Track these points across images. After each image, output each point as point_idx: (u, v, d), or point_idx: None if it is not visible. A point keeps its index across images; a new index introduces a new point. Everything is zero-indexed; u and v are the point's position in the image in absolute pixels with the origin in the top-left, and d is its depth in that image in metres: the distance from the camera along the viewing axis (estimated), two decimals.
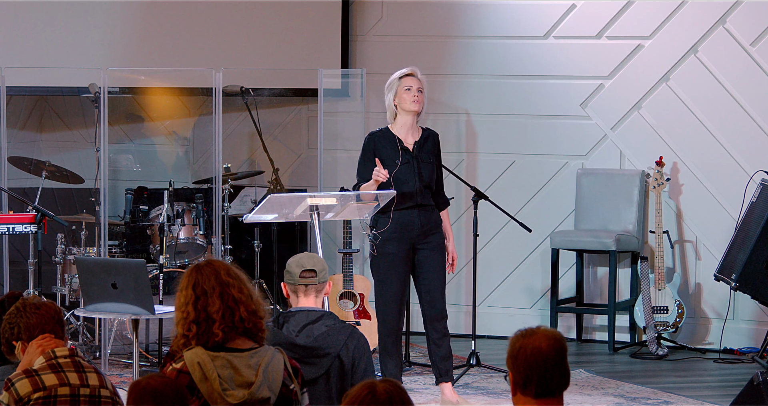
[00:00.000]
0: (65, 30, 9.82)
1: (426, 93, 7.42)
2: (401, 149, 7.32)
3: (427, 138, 7.42)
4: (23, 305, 4.53)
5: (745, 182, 9.11)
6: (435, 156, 7.41)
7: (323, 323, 5.22)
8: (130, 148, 10.62)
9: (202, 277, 4.43)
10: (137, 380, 3.87)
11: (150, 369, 8.27)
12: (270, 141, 10.04)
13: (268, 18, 10.08)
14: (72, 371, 4.42)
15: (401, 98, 7.36)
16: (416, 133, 7.41)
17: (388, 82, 7.45)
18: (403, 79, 7.36)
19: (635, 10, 9.57)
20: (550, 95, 9.80)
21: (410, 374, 8.49)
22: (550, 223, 9.77)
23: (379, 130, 7.43)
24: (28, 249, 8.58)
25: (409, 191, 7.26)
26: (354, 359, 5.23)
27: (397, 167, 7.25)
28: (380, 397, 3.49)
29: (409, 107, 7.32)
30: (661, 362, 8.98)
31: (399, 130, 7.39)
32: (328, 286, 5.35)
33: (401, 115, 7.38)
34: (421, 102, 7.34)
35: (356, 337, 5.27)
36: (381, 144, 7.33)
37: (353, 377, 5.20)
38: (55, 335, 4.52)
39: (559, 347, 3.73)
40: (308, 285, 5.27)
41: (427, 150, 7.37)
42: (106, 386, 4.47)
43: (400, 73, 7.41)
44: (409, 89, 7.33)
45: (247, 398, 4.35)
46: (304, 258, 5.32)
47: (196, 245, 8.94)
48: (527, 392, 3.73)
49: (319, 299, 5.31)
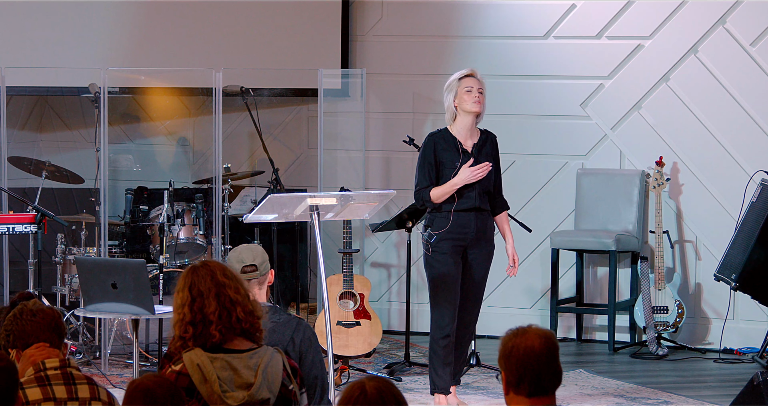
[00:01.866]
0: (65, 30, 9.82)
1: (485, 91, 7.29)
2: (461, 151, 7.21)
3: (485, 140, 7.32)
4: (20, 312, 4.42)
5: (745, 182, 9.11)
6: (494, 158, 7.31)
7: (269, 318, 5.22)
8: (130, 148, 10.63)
9: (198, 278, 4.43)
10: (134, 379, 3.86)
11: (150, 369, 8.27)
12: (270, 141, 10.05)
13: (268, 18, 10.08)
14: (60, 383, 4.31)
15: (462, 99, 7.21)
16: (475, 135, 7.31)
17: (448, 83, 7.28)
18: (463, 80, 7.22)
19: (635, 10, 9.57)
20: (550, 95, 9.80)
21: (410, 374, 8.50)
22: (550, 223, 9.77)
23: (438, 132, 7.31)
24: (28, 249, 8.58)
25: (468, 194, 7.19)
26: (301, 353, 5.22)
27: (457, 169, 7.17)
28: (371, 395, 3.50)
29: (471, 108, 7.19)
30: (661, 362, 8.98)
31: (458, 131, 7.26)
32: (270, 276, 5.35)
33: (461, 116, 7.24)
34: (482, 103, 7.23)
35: (302, 329, 5.26)
36: (440, 146, 7.22)
37: (302, 369, 5.18)
38: (51, 344, 4.40)
39: (550, 345, 3.73)
40: (250, 280, 5.27)
41: (486, 153, 7.28)
42: (98, 398, 4.36)
43: (459, 73, 7.27)
44: (470, 90, 7.19)
45: (246, 400, 4.35)
46: (244, 252, 5.31)
47: (196, 245, 8.94)
48: (520, 391, 3.73)
49: (262, 290, 5.33)
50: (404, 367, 8.58)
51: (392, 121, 10.14)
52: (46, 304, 4.80)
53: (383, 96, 10.17)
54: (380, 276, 10.22)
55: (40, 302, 4.60)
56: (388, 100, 10.16)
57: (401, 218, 8.71)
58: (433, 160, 7.18)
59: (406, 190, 9.91)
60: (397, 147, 9.76)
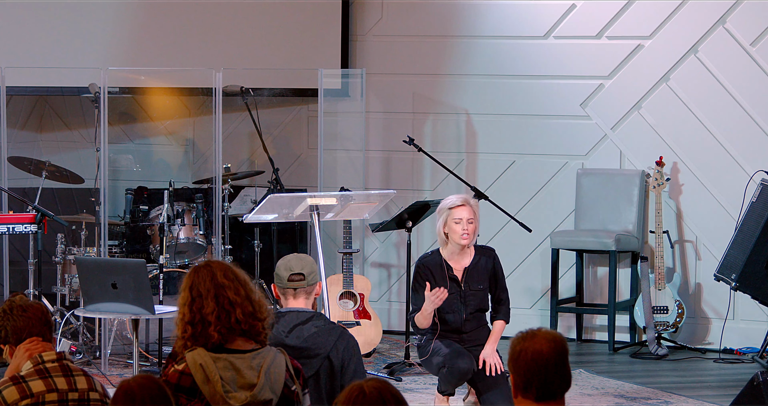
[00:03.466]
0: (65, 30, 9.82)
1: (478, 216, 7.02)
2: (449, 278, 7.02)
3: (478, 261, 7.09)
4: (10, 308, 4.46)
5: (745, 182, 9.11)
6: (490, 277, 7.09)
7: (313, 323, 5.22)
8: (130, 148, 10.62)
9: (199, 279, 4.44)
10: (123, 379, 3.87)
11: (150, 369, 8.27)
12: (270, 141, 10.05)
13: (268, 18, 10.08)
14: (60, 375, 4.38)
15: (451, 229, 6.98)
16: (467, 257, 7.09)
17: (440, 207, 7.06)
18: (453, 210, 6.97)
19: (635, 10, 9.57)
20: (550, 95, 9.80)
21: (410, 374, 8.49)
22: (550, 223, 9.77)
23: (429, 255, 7.11)
24: (28, 249, 8.58)
25: (454, 321, 7.01)
26: (344, 360, 5.23)
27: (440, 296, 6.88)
28: (370, 395, 3.49)
29: (458, 241, 6.97)
30: (661, 362, 8.98)
31: (449, 255, 7.06)
32: (318, 287, 5.33)
33: (451, 243, 7.03)
34: (471, 236, 6.97)
35: (346, 338, 5.27)
36: (430, 273, 7.01)
37: (343, 377, 5.20)
38: (43, 338, 4.45)
39: (560, 349, 3.71)
40: (297, 289, 5.26)
41: (477, 275, 7.06)
42: (95, 389, 4.42)
43: (451, 202, 7.01)
44: (458, 222, 6.95)
45: (249, 400, 4.35)
46: (293, 261, 5.29)
47: (196, 245, 8.94)
48: (528, 396, 3.71)
49: (309, 300, 5.31)
50: (404, 367, 8.58)
51: (392, 121, 10.14)
52: (32, 300, 4.82)
53: (383, 96, 10.17)
54: (380, 276, 10.22)
55: (26, 297, 4.63)
56: (388, 100, 10.16)
57: (401, 218, 8.71)
58: (424, 285, 6.94)
59: (406, 190, 9.93)
60: (397, 147, 9.77)
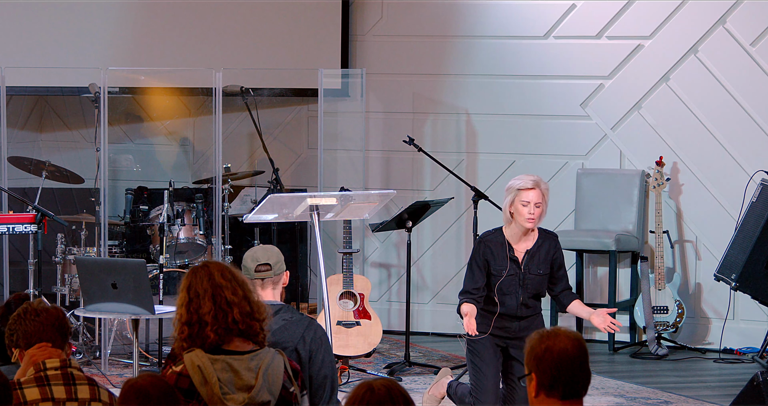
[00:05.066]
0: (65, 30, 9.82)
1: (547, 200, 6.81)
2: (510, 258, 6.87)
3: (541, 245, 6.93)
4: (24, 311, 4.43)
5: (745, 182, 9.11)
6: (551, 261, 6.94)
7: (281, 316, 5.22)
8: (130, 148, 10.63)
9: (196, 279, 4.45)
10: (129, 378, 3.86)
11: (150, 369, 8.27)
12: (270, 141, 10.04)
13: (268, 18, 10.08)
14: (60, 383, 4.31)
15: (517, 211, 6.79)
16: (530, 239, 6.92)
17: (509, 184, 6.87)
18: (522, 192, 6.77)
19: (635, 10, 9.57)
20: (550, 95, 9.80)
21: (410, 374, 8.49)
22: (550, 223, 9.75)
23: (492, 233, 6.94)
24: (28, 249, 8.58)
25: (510, 304, 6.89)
26: (311, 351, 5.22)
27: (502, 278, 6.84)
28: (379, 393, 3.50)
29: (523, 224, 6.80)
30: (661, 362, 8.98)
31: (511, 235, 6.89)
32: (285, 277, 5.36)
33: (515, 223, 6.85)
34: (537, 220, 6.79)
35: (313, 328, 5.26)
36: (491, 251, 6.87)
37: (311, 368, 5.18)
38: (53, 344, 4.40)
39: (583, 347, 3.70)
40: (264, 279, 5.29)
41: (538, 260, 6.91)
42: (99, 399, 4.35)
43: (522, 182, 6.80)
44: (526, 205, 6.76)
45: (247, 402, 4.34)
46: (259, 252, 5.33)
47: (196, 245, 8.94)
48: (553, 394, 3.68)
49: (276, 290, 5.34)
50: (404, 367, 8.58)
51: (392, 121, 10.14)
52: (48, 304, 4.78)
53: (383, 96, 10.17)
54: (380, 276, 10.22)
55: (45, 302, 4.59)
56: (388, 100, 10.16)
57: (401, 218, 8.71)
58: (482, 264, 6.87)
59: (406, 190, 9.93)
60: (397, 147, 9.76)
